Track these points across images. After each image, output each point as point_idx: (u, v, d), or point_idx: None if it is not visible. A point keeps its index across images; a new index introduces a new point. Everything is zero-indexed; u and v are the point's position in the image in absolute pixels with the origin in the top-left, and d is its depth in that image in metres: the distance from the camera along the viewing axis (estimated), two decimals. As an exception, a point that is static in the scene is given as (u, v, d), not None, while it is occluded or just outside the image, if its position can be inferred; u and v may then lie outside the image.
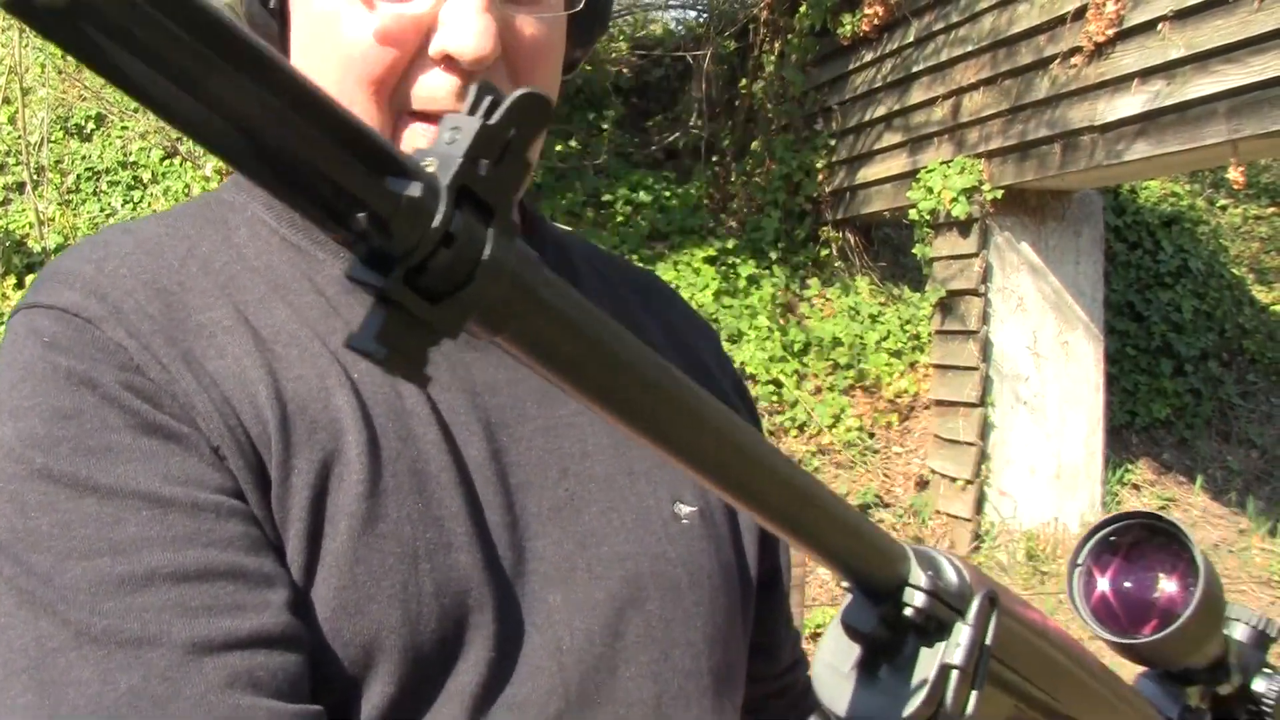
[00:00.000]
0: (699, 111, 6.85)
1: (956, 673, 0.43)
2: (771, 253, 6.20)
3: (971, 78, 5.11)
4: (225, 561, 0.58)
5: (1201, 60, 3.88)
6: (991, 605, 0.45)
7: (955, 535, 5.22)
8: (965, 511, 5.14)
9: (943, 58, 5.32)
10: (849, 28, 5.90)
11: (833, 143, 6.31)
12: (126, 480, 0.58)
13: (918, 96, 5.55)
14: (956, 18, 5.20)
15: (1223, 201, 7.56)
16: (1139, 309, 6.41)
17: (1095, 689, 0.57)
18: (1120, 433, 6.00)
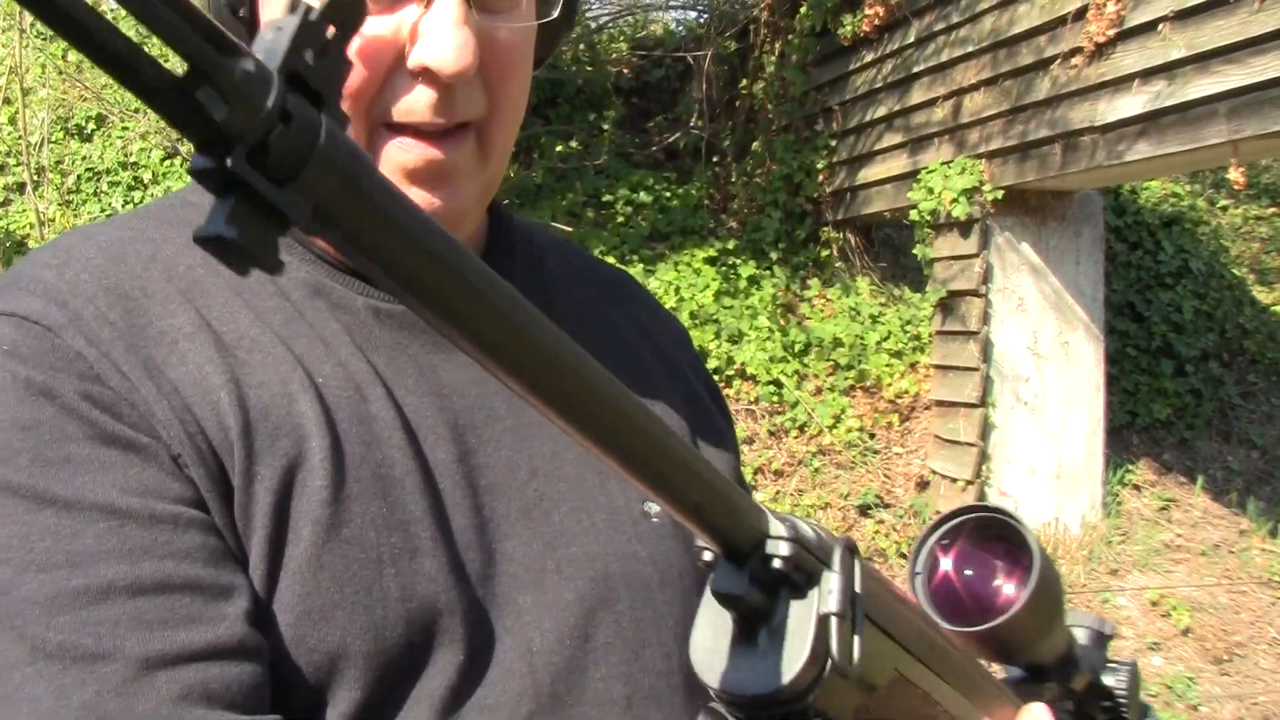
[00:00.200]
0: (699, 112, 6.85)
1: (835, 619, 0.43)
2: (772, 253, 6.20)
3: (972, 78, 5.11)
4: (182, 574, 0.58)
5: (1202, 61, 3.88)
6: (852, 554, 0.45)
7: (956, 536, 5.21)
8: (966, 512, 5.14)
9: (943, 58, 5.32)
10: (849, 28, 5.90)
11: (833, 143, 6.31)
12: (85, 492, 0.58)
13: (918, 97, 5.55)
14: (957, 18, 5.20)
15: (1223, 202, 7.56)
16: (1139, 309, 6.41)
17: (959, 661, 0.58)
18: (1121, 433, 6.00)
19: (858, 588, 0.44)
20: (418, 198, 0.69)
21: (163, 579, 0.57)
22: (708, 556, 0.43)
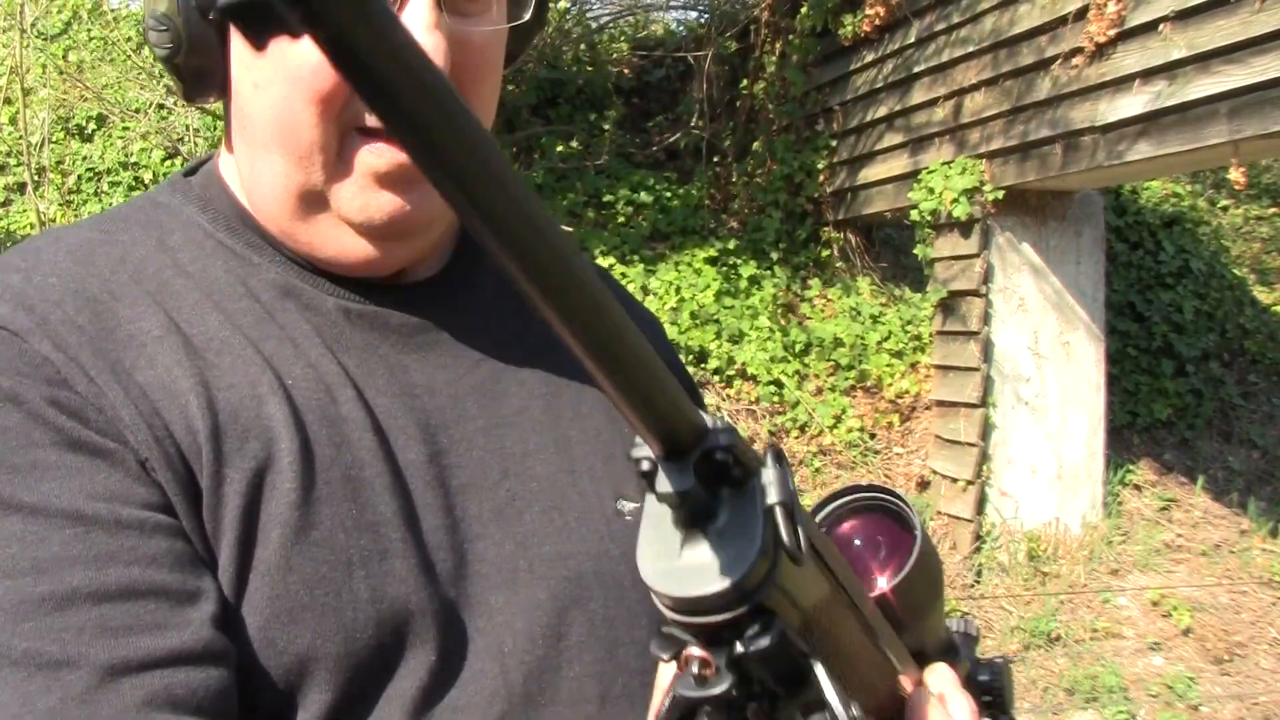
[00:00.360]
0: (700, 112, 6.84)
1: (780, 509, 0.43)
2: (773, 253, 6.19)
3: (973, 78, 5.11)
4: (147, 579, 0.58)
5: (1203, 61, 3.88)
6: (780, 456, 0.45)
7: (956, 536, 5.22)
8: (966, 512, 5.14)
9: (944, 58, 5.32)
10: (850, 28, 5.90)
11: (834, 143, 6.31)
12: (51, 498, 0.58)
13: (919, 97, 5.54)
14: (958, 18, 5.19)
15: (1224, 202, 7.56)
16: (1140, 309, 6.41)
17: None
18: (1121, 433, 5.99)
19: (792, 485, 0.44)
20: (387, 201, 0.69)
21: (128, 585, 0.57)
22: (645, 466, 0.42)
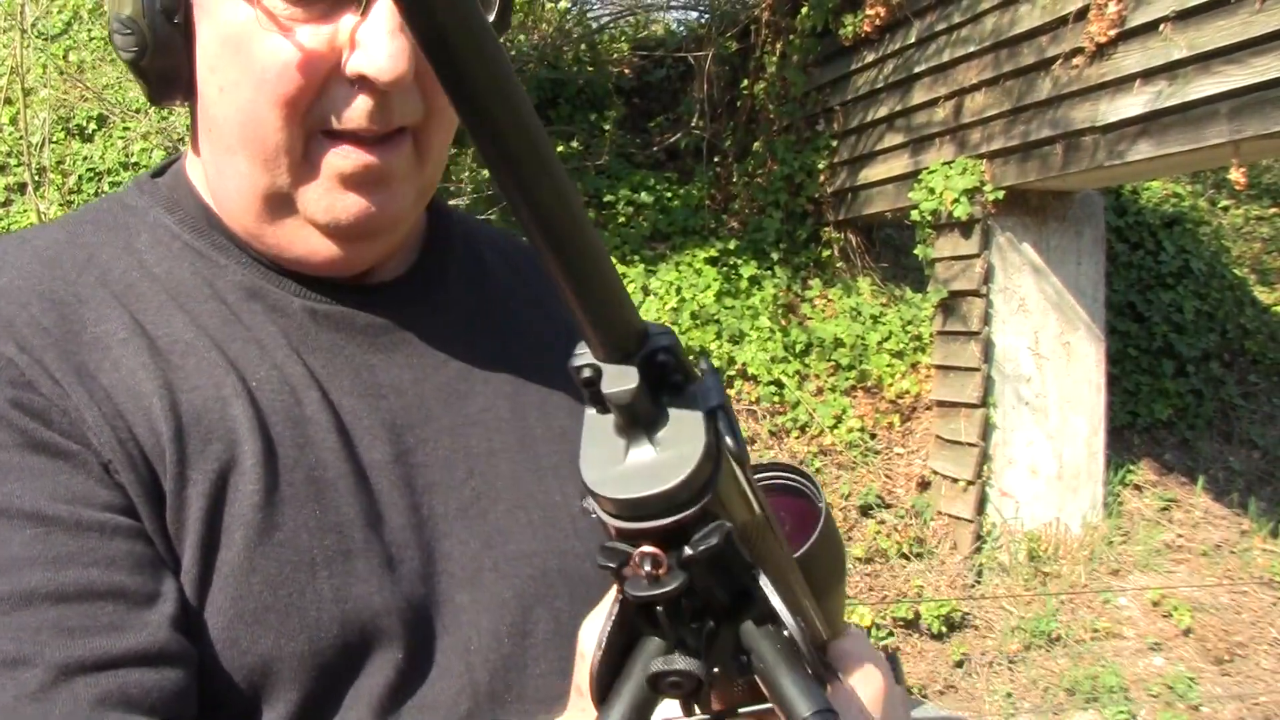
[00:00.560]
0: (700, 112, 6.84)
1: (721, 411, 0.43)
2: (773, 253, 6.19)
3: (973, 78, 5.11)
4: (106, 581, 0.58)
5: (1203, 61, 3.88)
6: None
7: (957, 536, 5.22)
8: (967, 512, 5.14)
9: (944, 58, 5.32)
10: (850, 28, 5.90)
11: (834, 143, 6.31)
12: (12, 499, 0.58)
13: (919, 97, 5.54)
14: (958, 18, 5.19)
15: (1224, 202, 7.55)
16: (1140, 310, 6.41)
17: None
18: (1122, 433, 5.99)
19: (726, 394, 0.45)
20: (353, 202, 0.69)
21: (86, 586, 0.58)
22: (587, 373, 0.42)
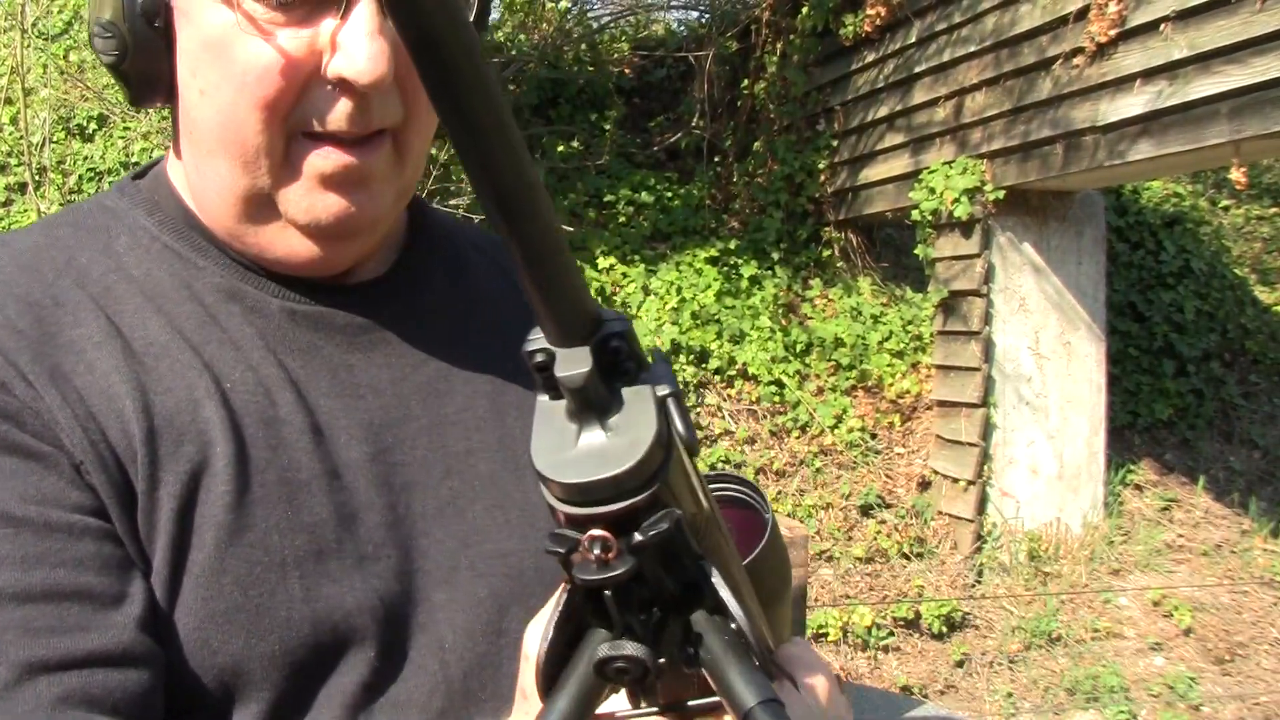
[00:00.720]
0: (701, 112, 6.84)
1: (673, 399, 0.43)
2: (773, 253, 6.19)
3: (974, 78, 5.11)
4: (73, 582, 0.59)
5: (1204, 61, 3.88)
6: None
7: (957, 536, 5.22)
8: (967, 512, 5.14)
9: (945, 58, 5.32)
10: (851, 28, 5.90)
11: (835, 143, 6.31)
12: None
13: (920, 97, 5.54)
14: (959, 18, 5.19)
15: (1225, 202, 7.55)
16: (1141, 309, 6.40)
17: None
18: (1122, 433, 5.99)
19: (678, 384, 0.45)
20: (334, 202, 0.69)
21: (52, 586, 0.58)
22: (540, 358, 0.42)
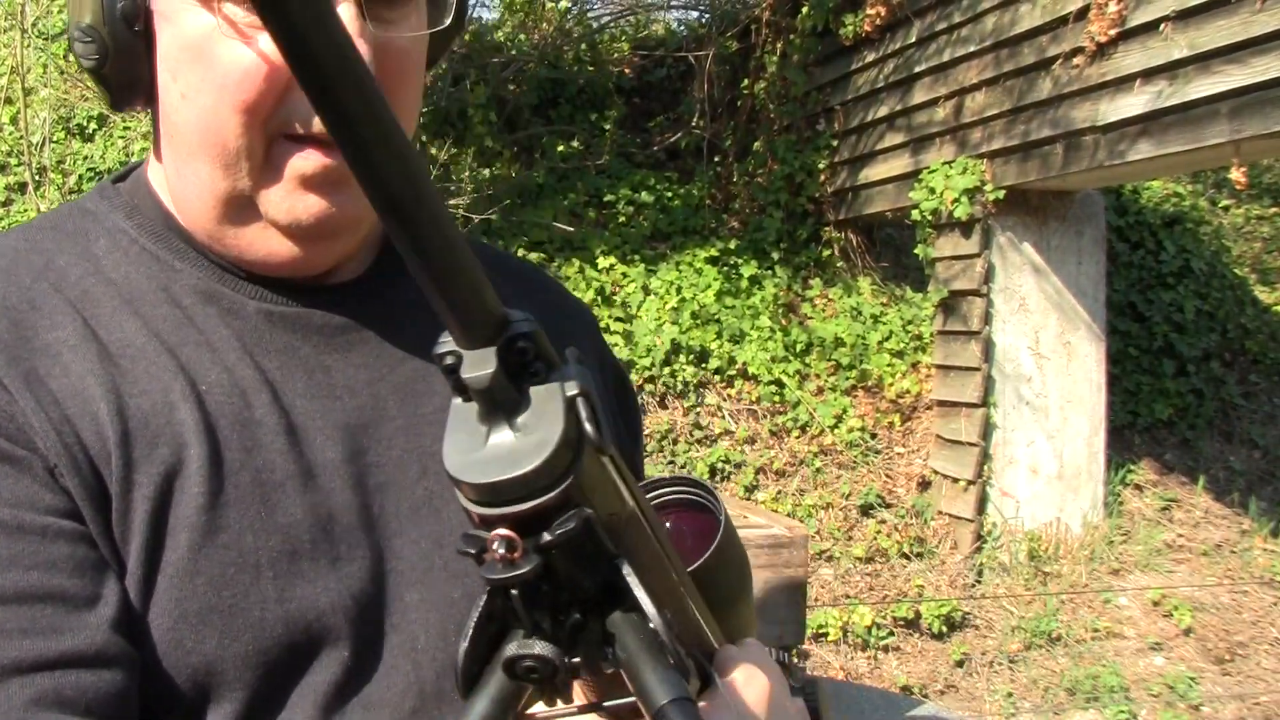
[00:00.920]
0: (701, 112, 6.84)
1: (582, 399, 0.43)
2: (773, 253, 6.19)
3: (974, 78, 5.11)
4: (46, 584, 0.59)
5: (1204, 60, 3.88)
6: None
7: (957, 536, 5.22)
8: (967, 512, 5.14)
9: (945, 58, 5.32)
10: (851, 28, 5.90)
11: (835, 143, 6.31)
12: None
13: (920, 97, 5.54)
14: (959, 18, 5.19)
15: (1225, 202, 7.55)
16: (1141, 309, 6.40)
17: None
18: (1122, 433, 5.99)
19: (592, 382, 0.44)
20: (314, 203, 0.70)
21: (25, 589, 0.58)
22: (449, 360, 0.42)
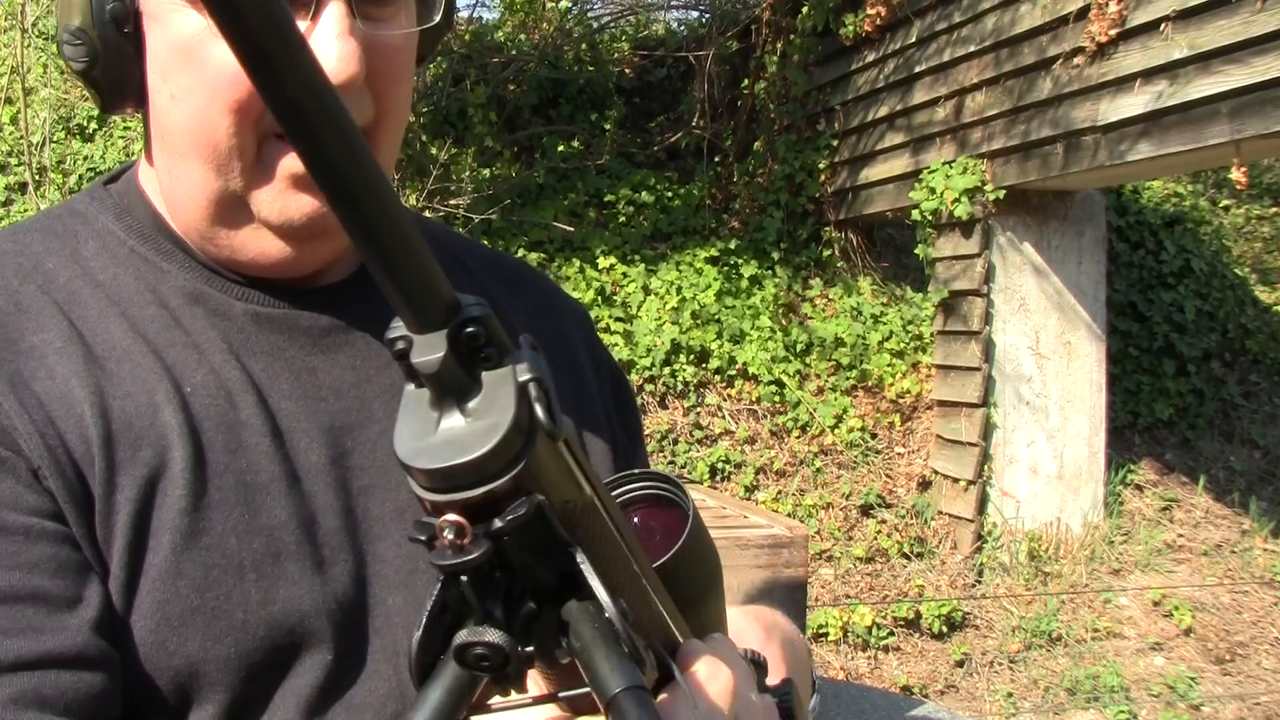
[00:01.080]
0: (701, 112, 6.84)
1: (535, 384, 0.43)
2: (774, 253, 6.19)
3: (974, 78, 5.11)
4: (27, 584, 0.59)
5: (1204, 60, 3.88)
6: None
7: (958, 536, 5.22)
8: (968, 512, 5.14)
9: (945, 58, 5.32)
10: (851, 28, 5.89)
11: (835, 143, 6.31)
12: None
13: (920, 96, 5.54)
14: (959, 17, 5.19)
15: (1225, 202, 7.55)
16: (1141, 309, 6.40)
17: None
18: (1123, 433, 5.99)
19: (546, 368, 0.44)
20: (305, 203, 0.70)
21: (6, 589, 0.59)
22: (400, 345, 0.42)
